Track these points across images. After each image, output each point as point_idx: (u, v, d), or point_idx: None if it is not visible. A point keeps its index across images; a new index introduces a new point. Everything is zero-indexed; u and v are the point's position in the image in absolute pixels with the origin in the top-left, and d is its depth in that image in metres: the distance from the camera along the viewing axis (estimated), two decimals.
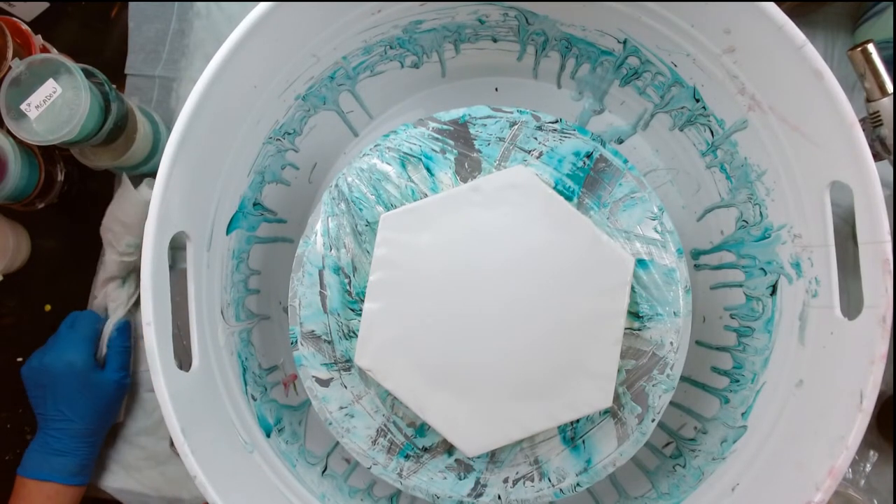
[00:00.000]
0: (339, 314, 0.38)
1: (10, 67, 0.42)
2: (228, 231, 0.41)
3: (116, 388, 0.50)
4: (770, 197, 0.39)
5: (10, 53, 0.42)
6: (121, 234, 0.50)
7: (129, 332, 0.52)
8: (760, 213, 0.40)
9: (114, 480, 0.54)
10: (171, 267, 0.35)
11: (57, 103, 0.42)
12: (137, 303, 0.53)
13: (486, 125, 0.38)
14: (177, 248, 0.35)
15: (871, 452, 0.50)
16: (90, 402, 0.49)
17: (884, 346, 0.30)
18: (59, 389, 0.48)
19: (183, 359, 0.35)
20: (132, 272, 0.53)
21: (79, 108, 0.41)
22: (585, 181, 0.37)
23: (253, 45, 0.35)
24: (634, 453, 0.37)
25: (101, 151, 0.48)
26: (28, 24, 0.46)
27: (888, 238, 0.31)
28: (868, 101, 0.39)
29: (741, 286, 0.42)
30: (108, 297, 0.52)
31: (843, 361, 0.33)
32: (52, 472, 0.48)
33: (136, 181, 0.53)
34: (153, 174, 0.53)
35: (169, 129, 0.52)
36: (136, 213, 0.50)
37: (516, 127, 0.38)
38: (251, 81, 0.38)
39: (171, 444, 0.53)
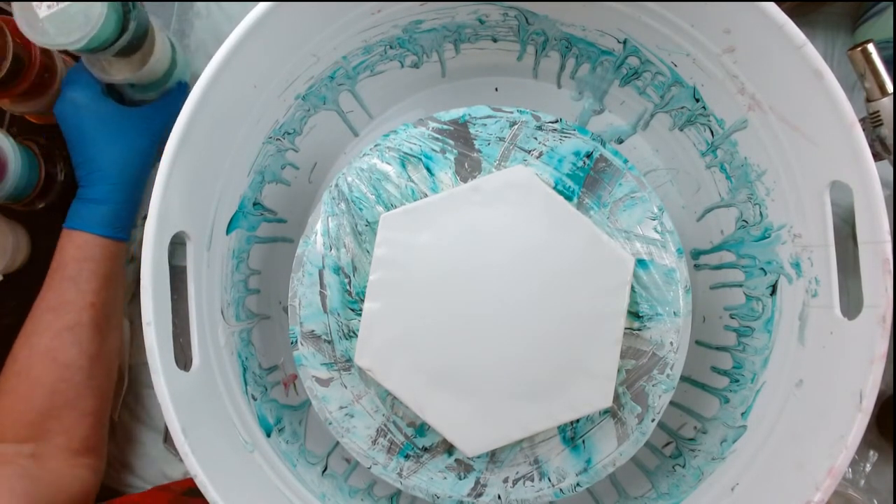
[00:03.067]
0: (339, 314, 0.38)
1: (9, 64, 0.42)
2: (228, 231, 0.41)
3: (147, 123, 0.47)
4: (770, 197, 0.39)
5: (9, 53, 0.43)
6: None
7: (184, 94, 0.47)
8: (760, 212, 0.40)
9: (114, 478, 0.54)
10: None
11: (73, 7, 0.41)
12: (133, 299, 0.54)
13: (486, 125, 0.38)
14: (176, 244, 0.35)
15: (871, 452, 0.50)
16: (116, 139, 0.46)
17: (883, 346, 0.30)
18: (79, 132, 0.46)
19: (182, 358, 0.35)
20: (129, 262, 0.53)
21: (93, 16, 0.40)
22: (585, 181, 0.37)
23: (253, 45, 0.35)
24: (634, 453, 0.37)
25: (116, 63, 0.46)
26: None
27: (888, 238, 0.31)
28: (868, 101, 0.39)
29: (741, 286, 0.42)
30: None
31: (843, 361, 0.33)
32: (83, 221, 0.46)
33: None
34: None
35: (186, 61, 0.52)
36: None
37: (516, 127, 0.38)
38: (251, 81, 0.38)
39: (165, 440, 0.54)
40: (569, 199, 0.37)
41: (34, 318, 0.45)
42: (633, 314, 0.37)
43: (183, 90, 0.51)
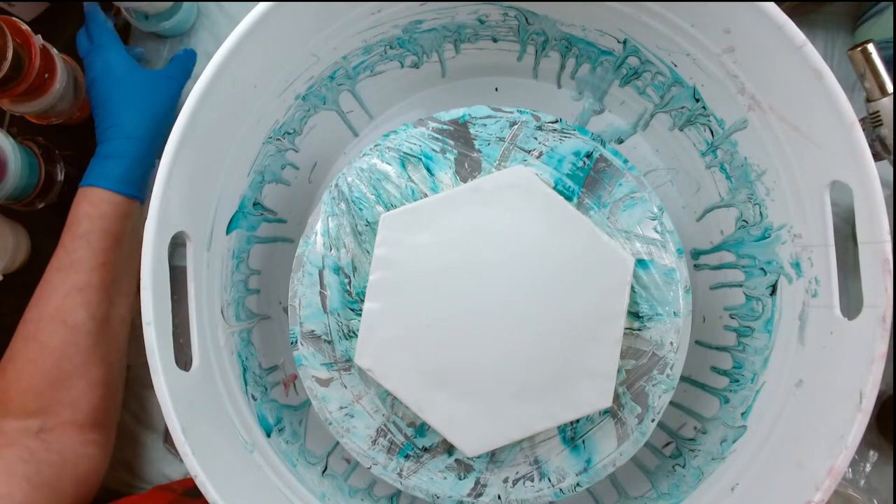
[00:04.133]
0: (339, 314, 0.38)
1: (9, 64, 0.42)
2: (228, 231, 0.41)
3: (166, 84, 0.50)
4: (770, 197, 0.39)
5: (9, 53, 0.42)
6: None
7: (192, 62, 0.53)
8: (760, 212, 0.40)
9: (113, 479, 0.54)
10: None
11: None
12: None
13: (486, 125, 0.38)
14: (176, 244, 0.35)
15: (871, 452, 0.50)
16: (135, 98, 0.48)
17: (883, 346, 0.30)
18: (106, 93, 0.48)
19: (182, 358, 0.35)
20: None
21: None
22: (585, 181, 0.37)
23: (253, 45, 0.35)
24: (634, 453, 0.37)
25: None
26: (28, 23, 0.46)
27: (888, 238, 0.31)
28: (868, 101, 0.39)
29: (741, 286, 0.42)
30: None
31: (843, 361, 0.33)
32: (97, 177, 0.46)
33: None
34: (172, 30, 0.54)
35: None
36: None
37: (516, 127, 0.38)
38: (251, 81, 0.38)
39: (165, 440, 0.53)
40: (569, 199, 0.37)
41: (46, 278, 0.45)
42: (633, 314, 0.37)
43: (191, 55, 0.53)
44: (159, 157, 0.34)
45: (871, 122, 0.40)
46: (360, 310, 0.37)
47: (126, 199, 0.47)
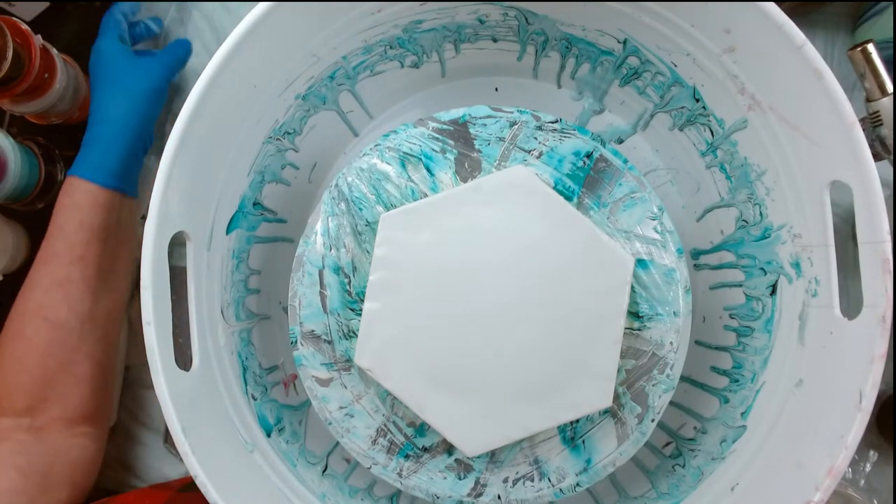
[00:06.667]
0: (339, 314, 0.38)
1: (9, 64, 0.42)
2: (228, 231, 0.41)
3: (149, 67, 0.47)
4: (770, 197, 0.39)
5: (9, 53, 0.42)
6: None
7: (186, 51, 0.51)
8: (760, 212, 0.40)
9: (113, 479, 0.54)
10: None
11: None
12: (132, 299, 0.54)
13: (486, 125, 0.38)
14: (176, 244, 0.35)
15: (871, 452, 0.50)
16: (116, 82, 0.46)
17: (883, 346, 0.30)
18: (93, 81, 0.47)
19: (182, 358, 0.35)
20: None
21: None
22: (585, 181, 0.37)
23: (253, 45, 0.35)
24: (634, 453, 0.37)
25: None
26: (28, 23, 0.46)
27: (888, 238, 0.31)
28: (868, 100, 0.39)
29: (741, 286, 0.42)
30: None
31: (843, 361, 0.33)
32: (77, 166, 0.44)
33: None
34: None
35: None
36: None
37: (516, 127, 0.38)
38: (251, 81, 0.38)
39: (165, 440, 0.54)
40: (569, 199, 0.37)
41: (30, 272, 0.44)
42: (633, 314, 0.37)
43: (184, 45, 0.52)
44: (154, 154, 0.33)
45: (871, 122, 0.40)
46: (360, 310, 0.37)
47: (104, 189, 0.44)
